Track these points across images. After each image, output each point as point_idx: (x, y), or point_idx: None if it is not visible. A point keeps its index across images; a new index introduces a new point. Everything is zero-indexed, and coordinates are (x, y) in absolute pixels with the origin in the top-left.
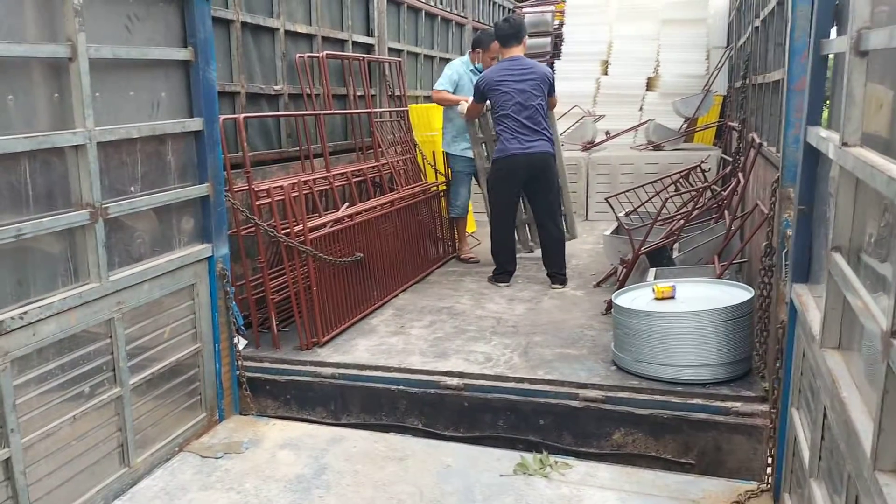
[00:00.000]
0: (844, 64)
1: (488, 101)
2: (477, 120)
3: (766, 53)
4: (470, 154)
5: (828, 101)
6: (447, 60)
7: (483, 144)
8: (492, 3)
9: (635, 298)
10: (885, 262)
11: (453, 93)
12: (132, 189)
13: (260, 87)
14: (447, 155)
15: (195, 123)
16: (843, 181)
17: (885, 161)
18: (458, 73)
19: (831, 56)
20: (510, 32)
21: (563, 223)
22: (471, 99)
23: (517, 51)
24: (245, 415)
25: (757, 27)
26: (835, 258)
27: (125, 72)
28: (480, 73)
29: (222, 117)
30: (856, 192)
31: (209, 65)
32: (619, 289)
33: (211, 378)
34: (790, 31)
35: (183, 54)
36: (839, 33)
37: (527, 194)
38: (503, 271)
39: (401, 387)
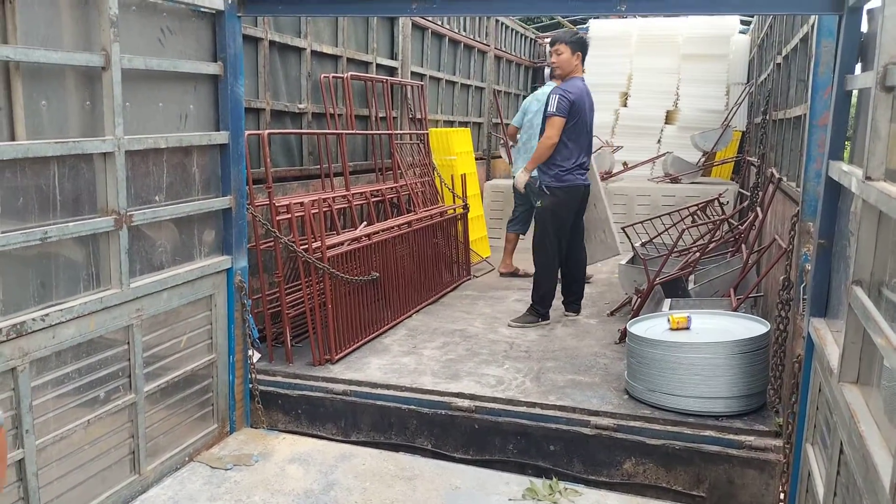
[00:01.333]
0: (870, 99)
1: None
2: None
3: (788, 90)
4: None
5: (849, 140)
6: (469, 86)
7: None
8: (514, 32)
9: (650, 328)
10: None
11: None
12: (157, 198)
13: (285, 104)
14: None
15: (221, 137)
16: (865, 215)
17: None
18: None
19: (854, 92)
20: (587, 50)
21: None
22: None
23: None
24: (256, 428)
25: (779, 63)
26: (856, 292)
27: (156, 83)
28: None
29: (247, 132)
30: (878, 225)
31: (237, 80)
32: (633, 318)
33: (224, 389)
34: (814, 67)
35: (213, 69)
36: (864, 69)
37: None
38: (547, 309)
39: (412, 406)
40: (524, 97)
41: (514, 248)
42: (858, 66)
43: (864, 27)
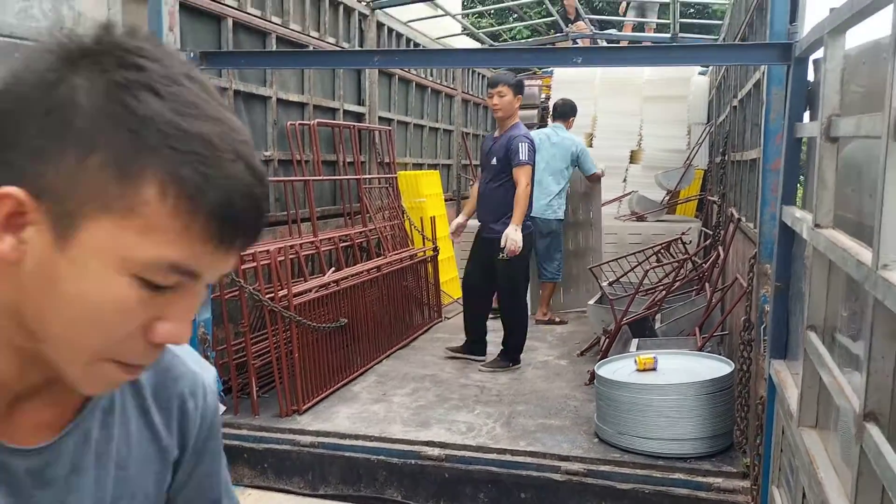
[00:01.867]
0: (816, 148)
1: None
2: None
3: (744, 132)
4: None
5: (803, 180)
6: (437, 130)
7: None
8: (481, 76)
9: (617, 369)
10: (858, 342)
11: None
12: None
13: None
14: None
15: None
16: (816, 261)
17: (855, 244)
18: None
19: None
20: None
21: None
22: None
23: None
24: None
25: (735, 106)
26: (810, 337)
27: None
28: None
29: None
30: (829, 272)
31: None
32: (601, 359)
33: None
34: (766, 114)
35: None
36: (812, 117)
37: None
38: (520, 353)
39: (380, 457)
40: None
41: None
42: (808, 114)
43: (812, 76)
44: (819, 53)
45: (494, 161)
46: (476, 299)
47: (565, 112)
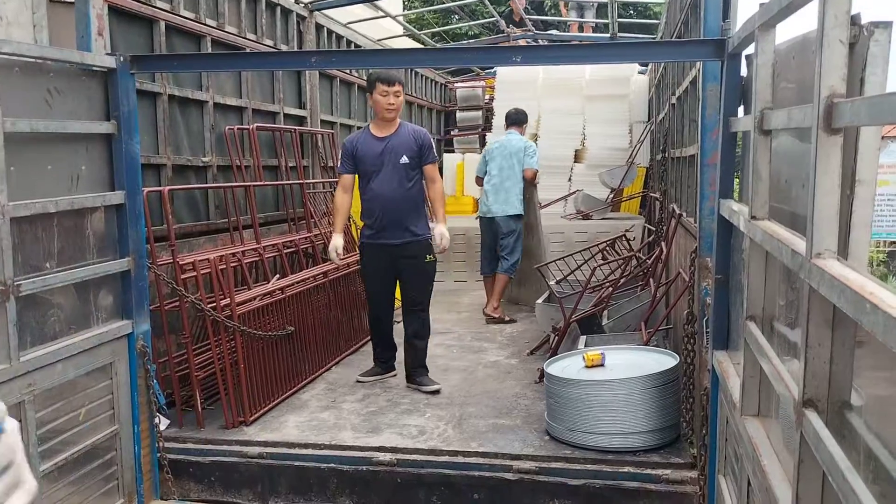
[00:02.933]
0: (751, 141)
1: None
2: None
3: (683, 129)
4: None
5: (740, 172)
6: None
7: None
8: (424, 77)
9: (566, 367)
10: (796, 331)
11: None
12: (48, 265)
13: (187, 158)
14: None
15: (117, 197)
16: (753, 253)
17: (790, 234)
18: None
19: (739, 133)
20: None
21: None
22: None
23: None
24: (166, 499)
25: (673, 104)
26: (749, 327)
27: (44, 145)
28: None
29: (146, 189)
30: (766, 262)
31: (132, 138)
32: (551, 357)
33: (129, 461)
34: (702, 110)
35: (105, 128)
36: (746, 112)
37: None
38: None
39: (331, 464)
40: (437, 141)
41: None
42: (742, 109)
43: (745, 71)
44: (751, 49)
45: (405, 160)
46: (387, 317)
47: (519, 119)
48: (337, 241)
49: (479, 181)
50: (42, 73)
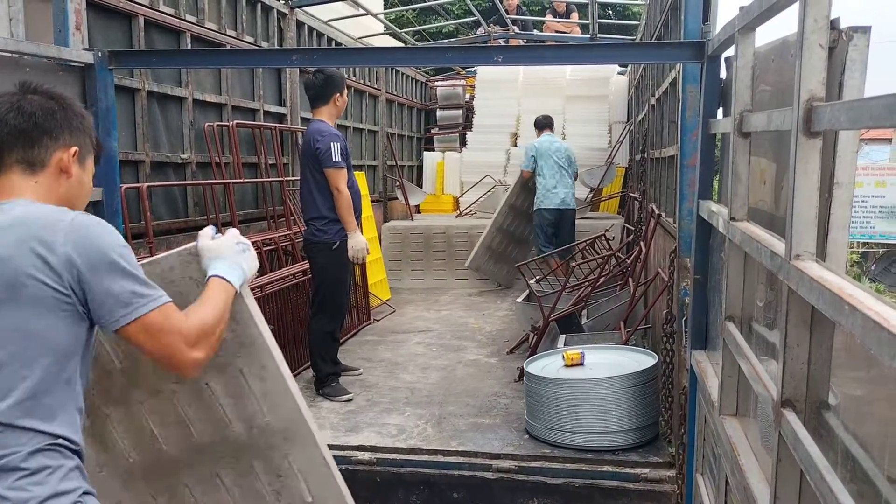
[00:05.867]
0: (730, 143)
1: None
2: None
3: (662, 130)
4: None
5: (719, 174)
6: (361, 130)
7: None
8: (405, 76)
9: (546, 366)
10: (774, 331)
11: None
12: None
13: (166, 155)
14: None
15: (94, 193)
16: (732, 254)
17: (769, 235)
18: None
19: (718, 134)
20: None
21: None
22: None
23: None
24: None
25: (653, 105)
26: (728, 327)
27: None
28: None
29: (124, 186)
30: (745, 263)
31: (110, 134)
32: (530, 356)
33: None
34: (681, 111)
35: None
36: (725, 114)
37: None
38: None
39: None
40: (418, 139)
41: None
42: (721, 111)
43: (724, 74)
44: (731, 51)
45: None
46: None
47: (552, 122)
48: (364, 240)
49: (529, 174)
50: (18, 68)
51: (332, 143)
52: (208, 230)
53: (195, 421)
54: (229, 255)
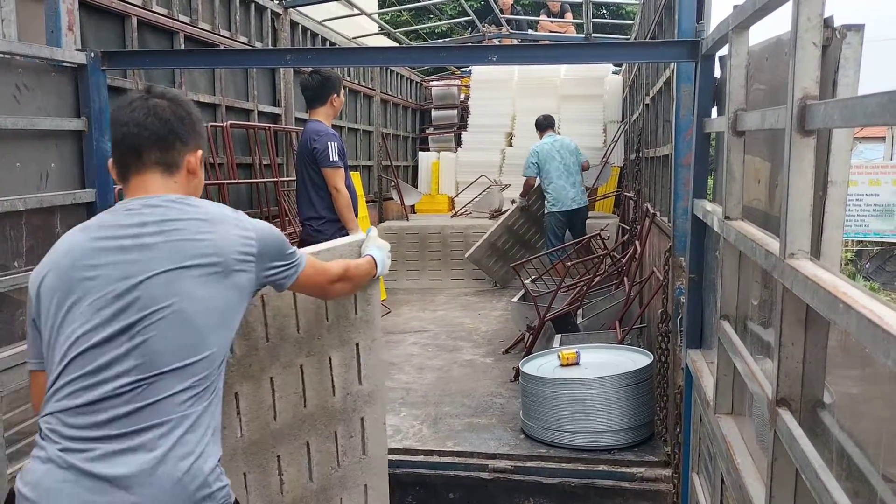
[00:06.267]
0: (724, 142)
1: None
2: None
3: (657, 129)
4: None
5: (713, 173)
6: (356, 130)
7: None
8: (399, 76)
9: (541, 365)
10: (769, 330)
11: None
12: (15, 264)
13: None
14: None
15: (87, 195)
16: (727, 253)
17: (764, 234)
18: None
19: (713, 133)
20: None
21: None
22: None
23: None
24: None
25: (647, 104)
26: (723, 326)
27: (12, 142)
28: None
29: (117, 187)
30: (739, 262)
31: (103, 135)
32: (526, 355)
33: None
34: (676, 110)
35: (75, 124)
36: (719, 113)
37: None
38: None
39: None
40: (413, 139)
41: None
42: (715, 110)
43: (718, 73)
44: (724, 50)
45: None
46: None
47: (552, 123)
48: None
49: (533, 180)
50: (10, 69)
51: (329, 143)
52: (375, 230)
53: (309, 391)
54: (382, 251)
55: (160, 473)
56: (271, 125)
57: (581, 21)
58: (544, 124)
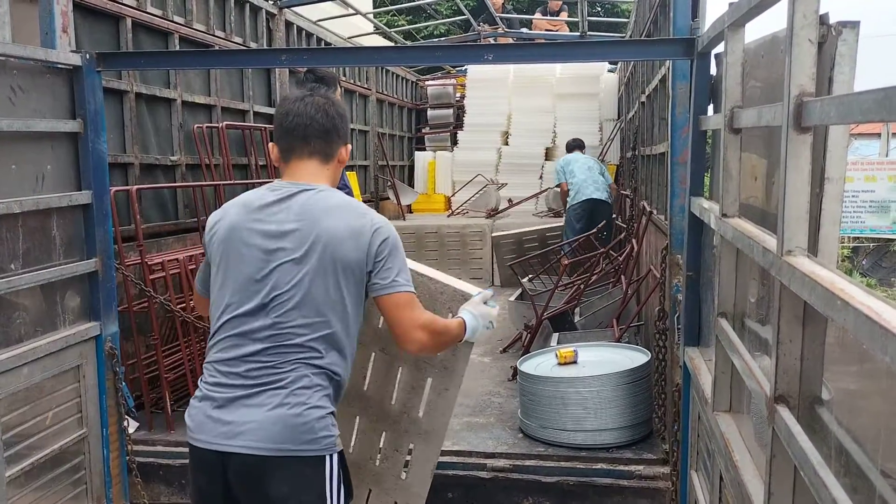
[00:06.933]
0: (721, 139)
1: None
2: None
3: (652, 127)
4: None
5: (710, 170)
6: (352, 130)
7: None
8: (395, 75)
9: (539, 364)
10: (767, 327)
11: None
12: (12, 266)
13: (155, 157)
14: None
15: (83, 196)
16: (724, 250)
17: (761, 232)
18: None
19: (709, 131)
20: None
21: None
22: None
23: None
24: None
25: (643, 102)
26: (721, 324)
27: (7, 144)
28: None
29: (114, 189)
30: (737, 260)
31: (99, 136)
32: (524, 354)
33: (98, 466)
34: (672, 108)
35: (71, 126)
36: (716, 110)
37: None
38: None
39: None
40: (409, 139)
41: None
42: (711, 107)
43: (714, 70)
44: (720, 48)
45: None
46: None
47: (582, 144)
48: None
49: (565, 185)
50: (5, 71)
51: None
52: (488, 293)
53: (373, 380)
54: (480, 317)
55: (275, 416)
56: (267, 126)
57: (575, 19)
58: (573, 145)
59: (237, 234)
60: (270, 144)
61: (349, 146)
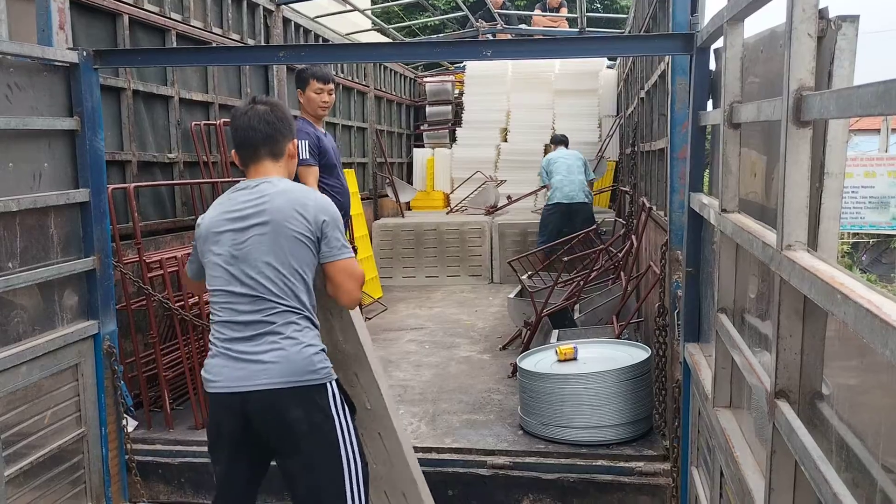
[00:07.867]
0: (720, 134)
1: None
2: None
3: (652, 123)
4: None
5: (709, 166)
6: (350, 127)
7: None
8: (393, 72)
9: (539, 361)
10: (767, 322)
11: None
12: (10, 265)
13: (153, 155)
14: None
15: (81, 194)
16: (724, 245)
17: (761, 227)
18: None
19: (708, 126)
20: None
21: None
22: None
23: None
24: (135, 502)
25: (642, 98)
26: (721, 319)
27: (4, 142)
28: None
29: (111, 187)
30: (736, 255)
31: (96, 134)
32: (523, 351)
33: (97, 464)
34: (671, 104)
35: (68, 124)
36: (715, 106)
37: None
38: None
39: None
40: (408, 136)
41: None
42: (711, 103)
43: (713, 65)
44: (719, 43)
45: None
46: None
47: (566, 139)
48: None
49: (550, 186)
50: (2, 69)
51: (299, 142)
52: None
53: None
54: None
55: (279, 356)
56: None
57: (574, 16)
58: (556, 139)
59: (215, 227)
60: (232, 152)
61: (295, 140)
